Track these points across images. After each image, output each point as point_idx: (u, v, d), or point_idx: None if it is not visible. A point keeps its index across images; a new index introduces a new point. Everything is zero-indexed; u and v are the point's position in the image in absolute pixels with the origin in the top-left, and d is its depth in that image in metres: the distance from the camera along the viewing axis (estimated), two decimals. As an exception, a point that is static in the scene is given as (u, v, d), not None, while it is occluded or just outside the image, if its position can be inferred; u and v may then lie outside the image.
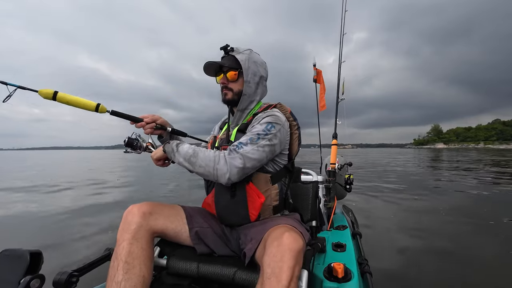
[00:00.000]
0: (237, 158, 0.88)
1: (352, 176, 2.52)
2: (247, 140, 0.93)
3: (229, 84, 1.08)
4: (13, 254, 0.76)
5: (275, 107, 1.10)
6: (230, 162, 0.88)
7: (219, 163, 0.88)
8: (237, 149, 0.90)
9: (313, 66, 2.96)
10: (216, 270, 0.90)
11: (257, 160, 0.92)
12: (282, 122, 1.01)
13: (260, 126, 0.97)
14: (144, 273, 0.82)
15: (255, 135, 0.95)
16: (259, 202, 0.97)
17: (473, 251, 2.42)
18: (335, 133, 2.63)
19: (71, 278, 0.80)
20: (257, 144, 0.92)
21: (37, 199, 5.15)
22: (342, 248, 1.26)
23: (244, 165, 0.89)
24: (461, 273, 1.99)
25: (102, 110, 0.97)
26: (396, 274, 1.96)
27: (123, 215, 0.90)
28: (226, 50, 1.06)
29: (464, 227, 3.12)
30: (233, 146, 0.93)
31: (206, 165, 0.89)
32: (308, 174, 2.01)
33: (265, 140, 0.94)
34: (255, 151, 0.91)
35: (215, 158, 0.89)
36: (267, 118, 1.00)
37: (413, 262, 2.19)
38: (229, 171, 0.87)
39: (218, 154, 0.91)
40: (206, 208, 1.11)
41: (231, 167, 0.87)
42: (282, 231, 0.78)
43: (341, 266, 0.98)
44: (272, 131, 0.96)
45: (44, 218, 3.70)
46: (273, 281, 0.68)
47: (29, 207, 4.43)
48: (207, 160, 0.89)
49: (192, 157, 0.91)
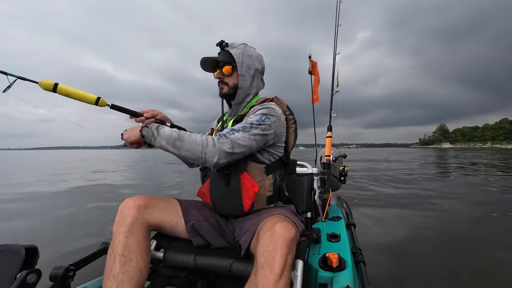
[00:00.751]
0: (226, 143, 0.90)
1: (347, 168, 2.55)
2: (239, 127, 0.96)
3: (225, 79, 1.10)
4: (9, 249, 0.76)
5: (272, 101, 1.11)
6: (219, 146, 0.89)
7: (207, 147, 0.89)
8: (227, 135, 0.92)
9: (309, 57, 2.94)
10: (213, 262, 0.91)
11: (247, 148, 0.94)
12: (278, 114, 1.03)
13: (254, 117, 0.99)
14: (141, 266, 0.82)
15: (248, 123, 0.97)
16: (253, 191, 0.98)
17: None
18: (330, 125, 2.64)
19: (68, 272, 0.81)
20: (249, 132, 0.94)
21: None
22: (337, 239, 1.29)
23: (232, 150, 0.91)
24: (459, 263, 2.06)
25: (102, 104, 0.96)
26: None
27: (118, 209, 0.90)
28: (221, 46, 1.09)
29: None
30: (223, 131, 0.94)
31: (194, 149, 0.89)
32: (303, 166, 2.03)
33: (257, 129, 0.96)
34: (245, 138, 0.93)
35: (203, 142, 0.89)
36: (263, 110, 1.01)
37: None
38: (218, 155, 0.89)
39: (206, 138, 0.91)
40: (201, 197, 1.12)
41: (220, 151, 0.89)
42: (274, 221, 0.80)
43: (335, 256, 1.01)
44: (266, 122, 0.98)
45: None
46: (266, 270, 0.70)
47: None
48: (194, 143, 0.89)
49: (177, 141, 0.90)
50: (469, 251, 2.21)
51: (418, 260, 2.05)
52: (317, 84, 2.95)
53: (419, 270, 1.91)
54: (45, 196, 5.13)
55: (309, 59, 2.99)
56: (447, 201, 4.13)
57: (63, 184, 6.87)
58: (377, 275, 1.78)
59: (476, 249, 2.25)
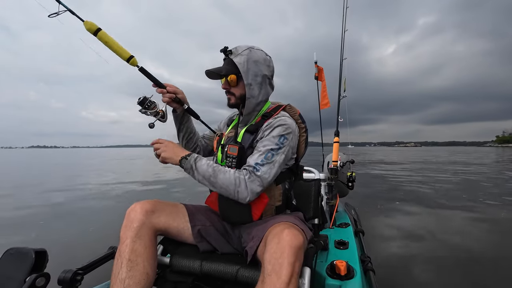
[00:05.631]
0: (256, 181, 0.91)
1: (355, 173, 2.51)
2: (262, 160, 0.94)
3: (231, 89, 1.06)
4: (18, 252, 0.77)
5: (284, 109, 1.10)
6: (251, 186, 0.90)
7: (240, 187, 0.90)
8: (256, 172, 0.92)
9: (315, 63, 2.95)
10: (219, 267, 0.91)
11: (274, 177, 0.96)
12: (293, 129, 1.02)
13: (273, 139, 0.97)
14: (148, 271, 0.82)
15: (269, 152, 0.95)
16: (263, 203, 0.98)
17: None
18: (337, 131, 2.62)
19: (76, 276, 0.81)
20: (272, 162, 0.94)
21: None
22: (345, 246, 1.26)
23: (262, 187, 0.93)
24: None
25: (133, 63, 0.96)
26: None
27: (126, 213, 0.90)
28: (225, 53, 1.03)
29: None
30: (250, 167, 0.93)
31: (227, 187, 0.91)
32: (310, 172, 2.01)
33: (278, 155, 0.96)
34: (271, 170, 0.94)
35: (235, 181, 0.91)
36: (279, 129, 0.98)
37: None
38: (249, 196, 0.91)
39: (238, 176, 0.91)
40: (209, 205, 1.11)
41: (251, 192, 0.91)
42: (282, 228, 0.79)
43: (343, 263, 0.98)
44: (285, 143, 0.98)
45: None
46: (273, 277, 0.69)
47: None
48: (227, 182, 0.91)
49: (212, 177, 0.92)
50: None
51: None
52: (325, 89, 2.94)
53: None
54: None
55: (315, 65, 2.99)
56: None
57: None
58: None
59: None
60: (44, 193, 5.62)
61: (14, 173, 10.86)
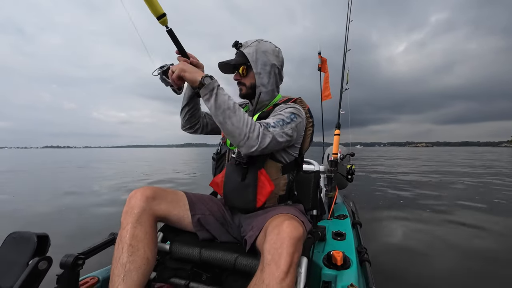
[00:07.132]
0: (268, 136, 0.89)
1: (354, 166, 2.52)
2: (275, 122, 0.94)
3: (242, 79, 1.11)
4: (21, 236, 0.78)
5: (295, 102, 1.12)
6: (262, 138, 0.88)
7: (253, 133, 0.86)
8: (269, 128, 0.91)
9: (318, 54, 2.91)
10: (218, 255, 0.92)
11: (279, 144, 0.95)
12: (303, 117, 1.05)
13: (285, 114, 0.99)
14: (148, 256, 0.84)
15: (281, 120, 0.96)
16: (269, 189, 0.97)
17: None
18: (338, 123, 2.61)
19: (78, 260, 0.83)
20: (283, 130, 0.95)
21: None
22: (342, 237, 1.28)
23: (269, 144, 0.90)
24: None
25: (163, 22, 0.91)
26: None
27: (127, 200, 0.91)
28: (236, 47, 1.10)
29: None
30: (264, 123, 0.92)
31: (241, 127, 0.85)
32: (310, 163, 2.01)
33: (288, 128, 0.96)
34: (281, 135, 0.94)
35: (251, 126, 0.86)
36: (291, 109, 1.02)
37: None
38: (257, 146, 0.87)
39: (255, 123, 0.88)
40: (214, 187, 1.11)
41: (261, 143, 0.88)
42: (282, 220, 0.79)
43: (340, 254, 1.00)
44: (295, 120, 0.99)
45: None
46: (272, 267, 0.70)
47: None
48: (243, 122, 0.85)
49: (229, 111, 0.85)
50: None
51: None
52: (327, 81, 2.91)
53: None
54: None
55: (318, 56, 2.95)
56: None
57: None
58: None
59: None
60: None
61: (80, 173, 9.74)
